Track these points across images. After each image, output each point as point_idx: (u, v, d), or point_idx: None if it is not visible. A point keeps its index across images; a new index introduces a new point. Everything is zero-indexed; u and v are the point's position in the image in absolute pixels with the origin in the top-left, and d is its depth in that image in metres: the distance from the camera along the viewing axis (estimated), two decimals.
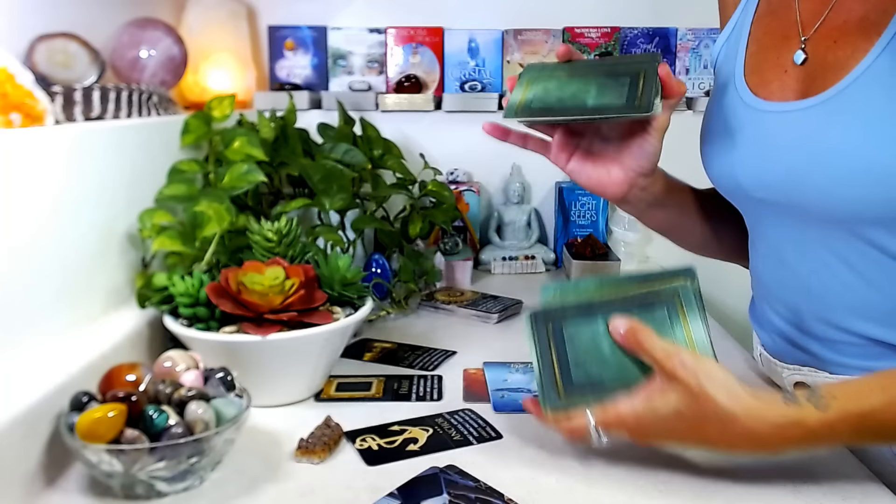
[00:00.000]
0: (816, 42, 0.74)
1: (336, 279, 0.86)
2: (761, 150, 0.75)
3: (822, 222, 0.72)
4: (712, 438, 0.63)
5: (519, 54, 1.51)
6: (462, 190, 1.46)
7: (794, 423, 0.61)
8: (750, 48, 0.81)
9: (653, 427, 0.65)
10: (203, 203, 0.94)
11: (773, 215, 0.77)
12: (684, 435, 0.64)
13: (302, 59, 1.50)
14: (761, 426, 0.61)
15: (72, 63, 0.97)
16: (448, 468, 0.70)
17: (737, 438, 0.62)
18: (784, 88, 0.75)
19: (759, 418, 0.61)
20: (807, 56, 0.74)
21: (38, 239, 0.74)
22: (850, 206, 0.67)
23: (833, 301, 0.74)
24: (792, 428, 0.61)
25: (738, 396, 0.61)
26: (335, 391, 0.88)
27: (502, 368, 0.94)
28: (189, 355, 0.73)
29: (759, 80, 0.78)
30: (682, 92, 0.74)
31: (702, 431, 0.63)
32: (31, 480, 0.65)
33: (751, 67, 0.80)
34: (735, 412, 0.61)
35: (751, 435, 0.61)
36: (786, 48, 0.77)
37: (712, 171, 0.83)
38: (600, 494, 0.66)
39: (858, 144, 0.65)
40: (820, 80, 0.71)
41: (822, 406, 0.61)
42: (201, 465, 0.65)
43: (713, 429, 0.62)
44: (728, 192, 0.83)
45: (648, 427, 0.65)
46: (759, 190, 0.76)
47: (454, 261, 1.34)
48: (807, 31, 0.75)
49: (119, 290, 0.91)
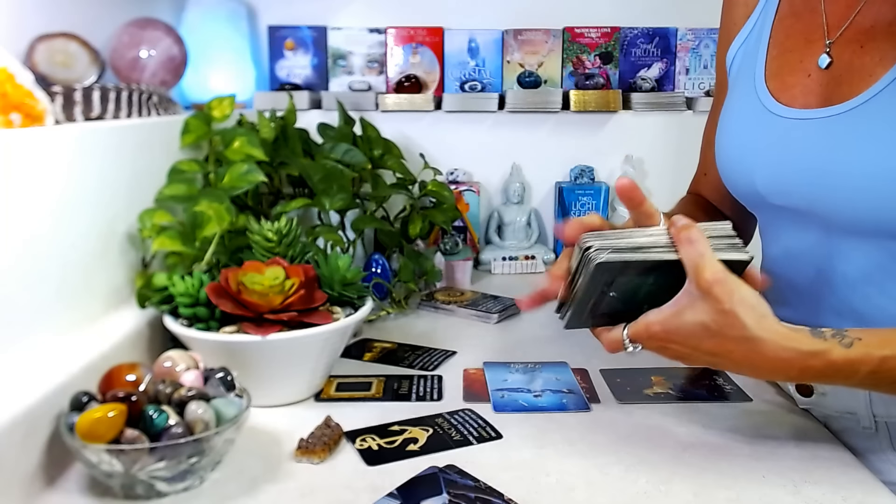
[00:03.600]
0: (842, 46, 0.72)
1: (336, 279, 0.86)
2: (783, 156, 0.73)
3: (843, 232, 0.71)
4: (735, 357, 0.63)
5: (519, 54, 1.51)
6: (462, 190, 1.46)
7: (816, 354, 0.61)
8: (771, 51, 0.79)
9: (677, 335, 0.64)
10: (203, 203, 0.94)
11: (791, 222, 0.76)
12: (708, 349, 0.64)
13: (302, 59, 1.50)
14: (785, 352, 0.61)
15: (72, 63, 0.97)
16: (447, 468, 0.70)
17: (760, 360, 0.62)
18: (807, 93, 0.73)
19: (784, 345, 0.61)
20: (832, 60, 0.72)
21: (38, 239, 0.74)
22: (875, 216, 0.67)
23: (846, 310, 0.73)
24: (814, 358, 0.61)
25: (767, 322, 0.62)
26: (335, 391, 0.88)
27: (502, 368, 0.94)
28: (189, 355, 0.73)
29: (781, 84, 0.76)
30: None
31: (725, 348, 0.63)
32: (31, 480, 0.65)
33: (772, 71, 0.78)
34: (762, 336, 0.61)
35: (774, 360, 0.62)
36: (809, 52, 0.75)
37: (729, 175, 0.82)
38: (600, 494, 0.66)
39: (887, 155, 0.64)
40: (846, 86, 0.69)
41: (846, 343, 0.61)
42: (201, 465, 0.65)
43: (737, 348, 0.62)
44: (744, 197, 0.81)
45: (674, 335, 0.64)
46: (778, 197, 0.75)
47: (454, 261, 1.34)
48: (832, 34, 0.73)
49: (119, 290, 0.91)
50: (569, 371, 0.94)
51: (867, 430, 0.76)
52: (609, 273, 0.65)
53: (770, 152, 0.75)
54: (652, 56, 1.52)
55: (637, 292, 0.67)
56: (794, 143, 0.72)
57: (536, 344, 1.04)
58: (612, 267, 0.65)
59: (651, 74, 1.51)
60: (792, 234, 0.76)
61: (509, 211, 1.49)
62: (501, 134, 1.51)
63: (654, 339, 0.66)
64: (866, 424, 0.76)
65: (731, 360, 0.64)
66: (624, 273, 0.66)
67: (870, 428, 0.76)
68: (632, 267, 0.65)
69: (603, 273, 0.65)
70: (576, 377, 0.92)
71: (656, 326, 0.65)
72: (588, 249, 0.66)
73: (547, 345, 1.03)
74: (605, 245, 0.65)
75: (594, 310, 0.69)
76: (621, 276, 0.66)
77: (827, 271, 0.73)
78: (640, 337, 0.67)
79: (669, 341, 0.65)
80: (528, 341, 1.05)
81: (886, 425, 0.75)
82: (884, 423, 0.75)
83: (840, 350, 0.61)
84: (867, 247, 0.69)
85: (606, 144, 1.51)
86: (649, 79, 1.50)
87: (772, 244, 0.81)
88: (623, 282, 0.66)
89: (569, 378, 0.91)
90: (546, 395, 0.86)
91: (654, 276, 0.66)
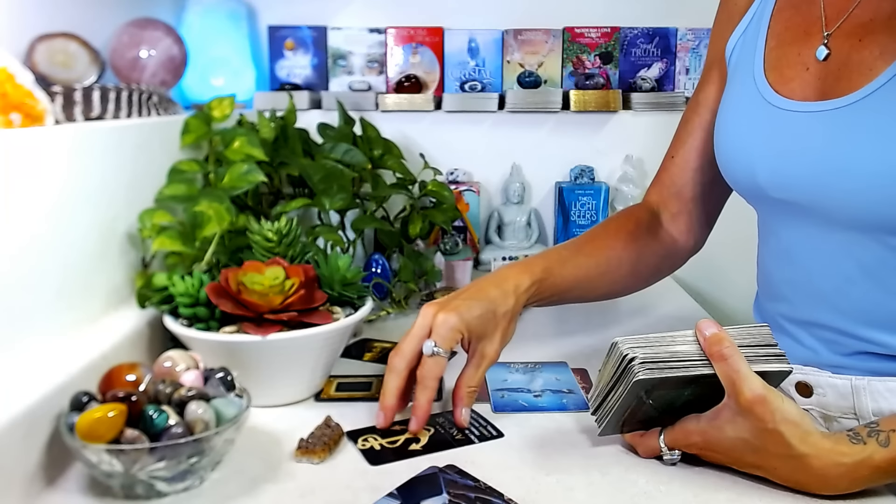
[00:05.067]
0: (840, 39, 0.72)
1: (336, 279, 0.86)
2: (784, 149, 0.73)
3: (843, 227, 0.70)
4: (780, 473, 0.64)
5: (519, 54, 1.51)
6: (462, 190, 1.46)
7: (862, 463, 0.61)
8: (770, 43, 0.79)
9: (718, 447, 0.65)
10: (203, 203, 0.94)
11: (790, 216, 0.76)
12: (751, 462, 0.65)
13: (302, 59, 1.50)
14: (835, 468, 0.61)
15: (72, 63, 0.97)
16: (447, 468, 0.70)
17: (807, 477, 0.62)
18: (805, 86, 0.73)
19: (832, 461, 0.61)
20: (829, 52, 0.72)
21: (38, 239, 0.74)
22: (877, 211, 0.66)
23: (845, 306, 0.73)
24: (861, 468, 0.61)
25: (812, 439, 0.62)
26: (335, 391, 0.88)
27: (502, 368, 0.94)
28: (189, 355, 0.73)
29: (780, 76, 0.76)
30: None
31: (770, 464, 0.64)
32: (31, 480, 0.65)
33: (771, 63, 0.77)
34: (808, 453, 0.61)
35: (822, 476, 0.62)
36: (807, 44, 0.74)
37: (729, 168, 0.81)
38: (600, 494, 0.66)
39: (889, 150, 0.64)
40: (844, 80, 0.69)
41: (882, 441, 0.61)
42: (201, 465, 0.65)
43: (783, 465, 0.63)
44: (744, 191, 0.81)
45: (714, 446, 0.65)
46: (779, 191, 0.75)
47: (454, 261, 1.34)
48: (830, 26, 0.73)
49: (119, 290, 0.91)
50: (569, 371, 0.94)
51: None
52: (649, 385, 0.65)
53: (771, 144, 0.75)
54: (652, 56, 1.52)
55: (675, 401, 0.67)
56: (795, 135, 0.72)
57: (536, 344, 1.04)
58: (652, 381, 0.64)
59: (651, 74, 1.51)
60: (792, 228, 0.76)
61: (509, 211, 1.49)
62: (501, 134, 1.50)
63: (693, 448, 0.67)
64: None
65: (776, 475, 0.64)
66: (664, 385, 0.65)
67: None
68: (671, 379, 0.65)
69: (643, 386, 0.65)
70: (576, 377, 0.92)
71: (696, 437, 0.66)
72: (631, 361, 0.64)
73: (547, 345, 1.03)
74: (647, 357, 0.64)
75: (630, 417, 0.69)
76: (660, 388, 0.65)
77: (827, 266, 0.73)
78: (679, 444, 0.67)
79: (710, 450, 0.66)
80: (528, 341, 1.05)
81: None
82: None
83: (881, 452, 0.61)
84: (867, 242, 0.69)
85: (606, 144, 1.51)
86: (649, 79, 1.50)
87: (771, 239, 0.81)
88: (662, 393, 0.66)
89: (569, 378, 0.91)
90: (546, 395, 0.86)
91: (692, 387, 0.66)
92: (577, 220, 1.49)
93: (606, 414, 0.69)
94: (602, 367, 0.69)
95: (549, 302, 0.87)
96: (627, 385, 0.65)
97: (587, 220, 1.48)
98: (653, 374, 0.63)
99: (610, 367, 0.67)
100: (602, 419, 0.70)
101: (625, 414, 0.68)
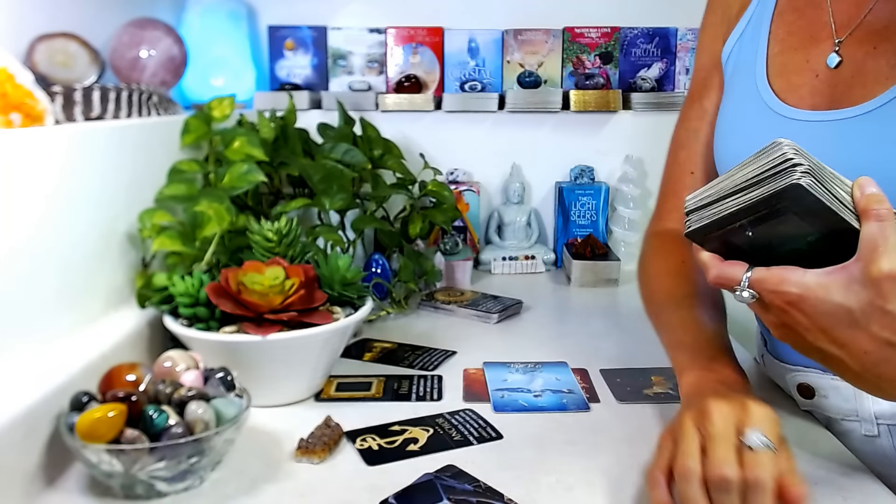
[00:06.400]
0: (853, 46, 0.69)
1: (336, 279, 0.86)
2: None
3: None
4: (866, 360, 0.54)
5: (519, 54, 1.51)
6: (462, 190, 1.46)
7: None
8: (772, 48, 0.76)
9: (813, 309, 0.54)
10: (203, 203, 0.94)
11: None
12: (839, 337, 0.54)
13: (302, 59, 1.50)
14: None
15: (72, 63, 0.97)
16: (442, 471, 0.69)
17: (892, 371, 0.54)
18: (814, 94, 0.71)
19: None
20: (841, 59, 0.70)
21: (38, 239, 0.74)
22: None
23: None
24: None
25: None
26: (335, 391, 0.88)
27: (502, 368, 0.94)
28: (189, 355, 0.73)
29: (787, 84, 0.74)
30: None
31: (860, 346, 0.54)
32: (31, 480, 0.65)
33: (775, 70, 0.75)
34: None
35: None
36: (815, 50, 0.72)
37: None
38: (600, 494, 0.66)
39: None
40: (858, 88, 0.67)
41: None
42: (201, 465, 0.65)
43: (875, 351, 0.53)
44: None
45: (808, 307, 0.54)
46: None
47: (454, 261, 1.34)
48: (841, 32, 0.71)
49: (119, 290, 0.91)
50: (569, 371, 0.94)
51: (869, 432, 0.76)
52: (789, 202, 0.53)
53: None
54: (652, 56, 1.52)
55: (776, 248, 0.57)
56: (804, 146, 0.71)
57: (536, 344, 1.04)
58: (798, 197, 0.52)
59: (651, 74, 1.51)
60: None
61: (509, 211, 1.49)
62: (501, 134, 1.51)
63: (781, 297, 0.55)
64: (868, 428, 0.76)
65: (858, 361, 0.54)
66: (797, 218, 0.54)
67: (872, 431, 0.76)
68: (817, 210, 0.53)
69: (782, 200, 0.53)
70: (576, 377, 0.92)
71: (793, 287, 0.54)
72: (793, 165, 0.53)
73: (547, 345, 1.03)
74: (812, 170, 0.53)
75: (720, 236, 0.58)
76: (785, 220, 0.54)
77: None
78: (766, 287, 0.56)
79: (799, 310, 0.55)
80: (528, 341, 1.05)
81: (889, 429, 0.75)
82: (886, 427, 0.75)
83: None
84: None
85: (606, 144, 1.51)
86: (649, 79, 1.50)
87: None
88: (773, 229, 0.55)
89: (569, 378, 0.91)
90: (546, 395, 0.86)
91: (817, 235, 0.55)
92: (577, 220, 1.49)
93: (705, 217, 0.58)
94: (738, 167, 0.57)
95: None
96: (772, 189, 0.53)
97: (587, 220, 1.48)
98: (813, 189, 0.52)
99: (755, 167, 0.55)
100: (699, 220, 0.59)
101: (720, 229, 0.57)
